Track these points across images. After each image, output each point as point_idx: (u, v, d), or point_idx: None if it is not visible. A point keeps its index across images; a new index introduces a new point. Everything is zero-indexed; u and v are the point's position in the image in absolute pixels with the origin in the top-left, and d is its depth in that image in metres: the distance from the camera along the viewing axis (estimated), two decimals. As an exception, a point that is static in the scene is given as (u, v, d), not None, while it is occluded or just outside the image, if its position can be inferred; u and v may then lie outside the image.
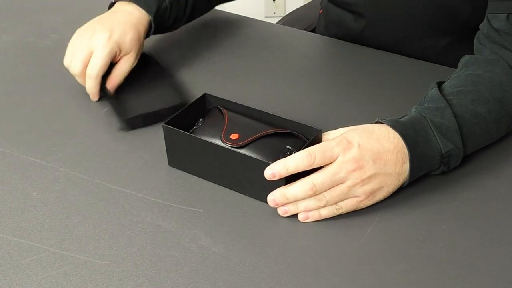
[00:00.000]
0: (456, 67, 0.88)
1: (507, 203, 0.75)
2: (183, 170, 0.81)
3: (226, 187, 0.78)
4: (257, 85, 0.99)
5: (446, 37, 1.06)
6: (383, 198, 0.74)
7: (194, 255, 0.70)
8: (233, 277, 0.67)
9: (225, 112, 0.82)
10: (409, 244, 0.71)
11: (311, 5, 1.43)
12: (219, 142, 0.77)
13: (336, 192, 0.72)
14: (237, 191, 0.78)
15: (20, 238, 0.72)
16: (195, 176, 0.80)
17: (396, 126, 0.74)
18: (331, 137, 0.76)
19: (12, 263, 0.69)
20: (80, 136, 0.89)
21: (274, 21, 1.32)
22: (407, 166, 0.73)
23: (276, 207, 0.74)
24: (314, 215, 0.73)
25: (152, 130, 0.88)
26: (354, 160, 0.71)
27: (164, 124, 0.79)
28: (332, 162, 0.71)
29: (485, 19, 0.88)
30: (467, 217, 0.74)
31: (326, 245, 0.71)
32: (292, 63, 1.05)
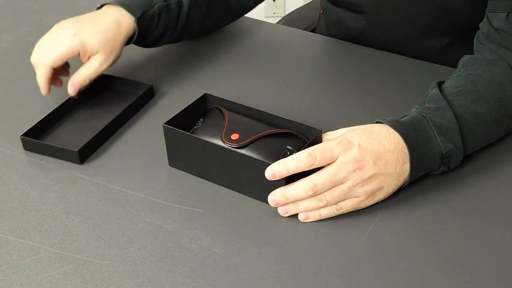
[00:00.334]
0: (456, 67, 0.88)
1: (507, 203, 0.75)
2: (183, 170, 0.81)
3: (226, 187, 0.78)
4: (257, 85, 0.99)
5: (446, 37, 1.06)
6: (383, 198, 0.74)
7: (194, 255, 0.70)
8: (233, 277, 0.67)
9: (226, 112, 0.81)
10: (409, 244, 0.71)
11: (311, 5, 1.43)
12: (220, 142, 0.77)
13: (337, 192, 0.72)
14: (237, 191, 0.77)
15: (20, 238, 0.72)
16: (195, 176, 0.80)
17: (397, 127, 0.74)
18: (332, 137, 0.76)
19: (12, 263, 0.69)
20: (80, 136, 0.89)
21: (274, 21, 1.32)
22: (408, 167, 0.73)
23: (276, 207, 0.74)
24: (314, 215, 0.73)
25: (152, 130, 0.88)
26: (355, 161, 0.71)
27: (164, 124, 0.79)
28: (333, 163, 0.71)
29: (485, 19, 0.88)
30: (467, 217, 0.74)
31: (326, 245, 0.71)
32: (292, 63, 1.05)
